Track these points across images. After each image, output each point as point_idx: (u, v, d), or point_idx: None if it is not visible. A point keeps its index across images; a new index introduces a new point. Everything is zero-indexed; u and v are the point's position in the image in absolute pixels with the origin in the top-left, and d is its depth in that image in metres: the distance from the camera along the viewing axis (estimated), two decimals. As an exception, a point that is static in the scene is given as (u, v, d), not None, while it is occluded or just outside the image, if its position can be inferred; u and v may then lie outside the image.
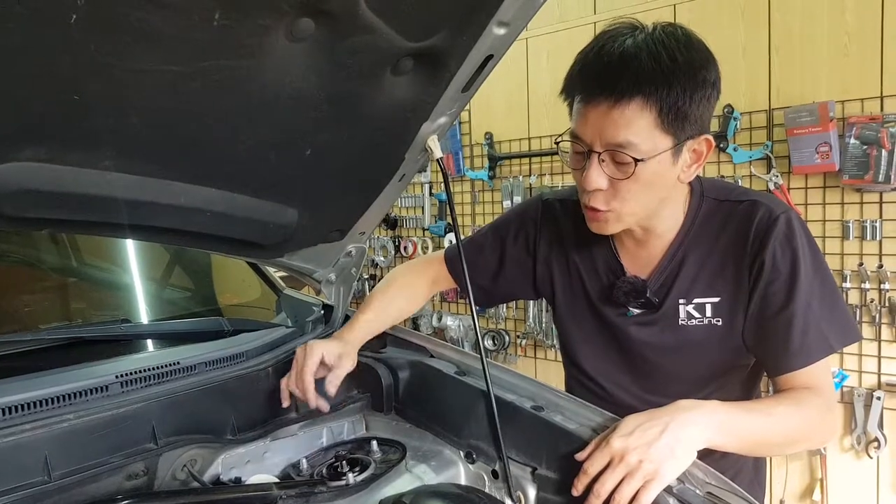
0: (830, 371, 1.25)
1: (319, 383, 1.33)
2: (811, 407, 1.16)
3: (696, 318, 1.27)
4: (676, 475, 1.00)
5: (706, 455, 1.31)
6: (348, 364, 1.37)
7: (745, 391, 1.37)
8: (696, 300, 1.27)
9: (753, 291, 1.22)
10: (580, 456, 1.06)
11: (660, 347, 1.32)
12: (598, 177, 1.15)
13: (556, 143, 1.25)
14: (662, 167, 1.14)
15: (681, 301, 1.28)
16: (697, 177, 1.28)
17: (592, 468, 1.02)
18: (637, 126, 1.09)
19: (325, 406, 1.35)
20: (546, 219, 1.46)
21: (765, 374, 1.33)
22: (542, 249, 1.46)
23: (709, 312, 1.26)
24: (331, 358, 1.34)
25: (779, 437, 1.14)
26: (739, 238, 1.23)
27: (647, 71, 1.07)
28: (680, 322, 1.29)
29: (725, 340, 1.26)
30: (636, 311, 1.33)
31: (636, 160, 1.11)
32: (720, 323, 1.26)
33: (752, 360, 1.32)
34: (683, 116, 1.10)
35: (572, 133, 1.18)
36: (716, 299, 1.26)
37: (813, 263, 1.20)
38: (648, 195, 1.18)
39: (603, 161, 1.14)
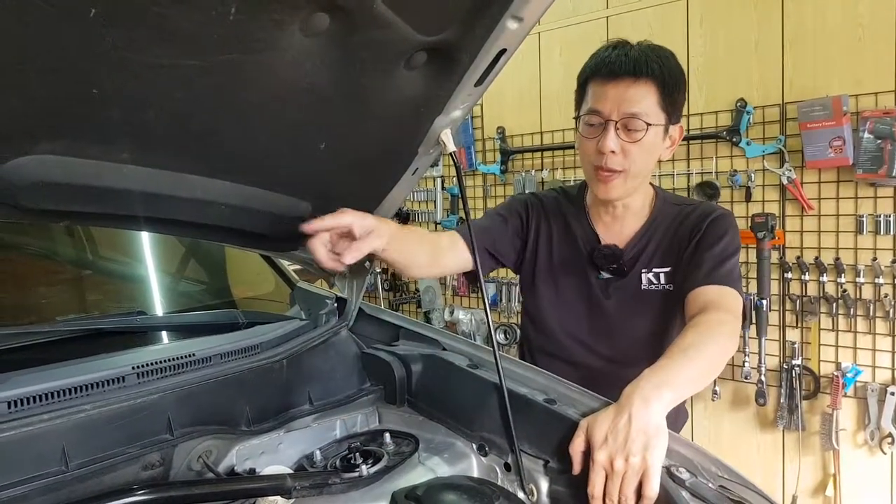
0: (737, 298, 1.46)
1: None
2: (708, 323, 1.34)
3: (654, 285, 1.64)
4: (663, 455, 1.04)
5: None
6: (376, 242, 1.27)
7: None
8: (654, 269, 1.64)
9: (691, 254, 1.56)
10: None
11: (624, 307, 1.65)
12: (613, 140, 1.47)
13: (575, 119, 1.59)
14: (657, 139, 1.52)
15: (643, 270, 1.64)
16: (659, 186, 1.73)
17: (597, 490, 1.05)
18: (648, 101, 1.47)
19: (339, 266, 1.27)
20: (536, 204, 1.78)
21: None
22: (533, 227, 1.75)
23: (663, 280, 1.63)
24: (359, 230, 1.25)
25: (705, 363, 1.26)
26: (690, 228, 1.60)
27: (655, 62, 1.46)
28: (642, 287, 1.64)
29: (675, 303, 1.57)
30: (607, 275, 1.66)
31: (648, 124, 1.46)
32: (672, 288, 1.61)
33: None
34: (673, 101, 1.50)
35: (591, 109, 1.51)
36: (667, 269, 1.62)
37: (732, 246, 1.54)
38: (647, 161, 1.53)
39: (618, 129, 1.47)
